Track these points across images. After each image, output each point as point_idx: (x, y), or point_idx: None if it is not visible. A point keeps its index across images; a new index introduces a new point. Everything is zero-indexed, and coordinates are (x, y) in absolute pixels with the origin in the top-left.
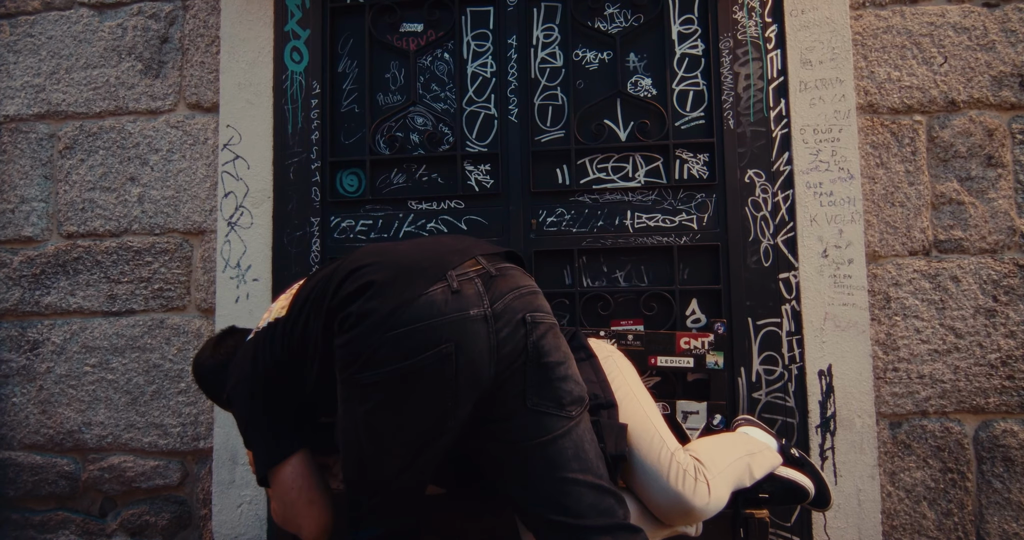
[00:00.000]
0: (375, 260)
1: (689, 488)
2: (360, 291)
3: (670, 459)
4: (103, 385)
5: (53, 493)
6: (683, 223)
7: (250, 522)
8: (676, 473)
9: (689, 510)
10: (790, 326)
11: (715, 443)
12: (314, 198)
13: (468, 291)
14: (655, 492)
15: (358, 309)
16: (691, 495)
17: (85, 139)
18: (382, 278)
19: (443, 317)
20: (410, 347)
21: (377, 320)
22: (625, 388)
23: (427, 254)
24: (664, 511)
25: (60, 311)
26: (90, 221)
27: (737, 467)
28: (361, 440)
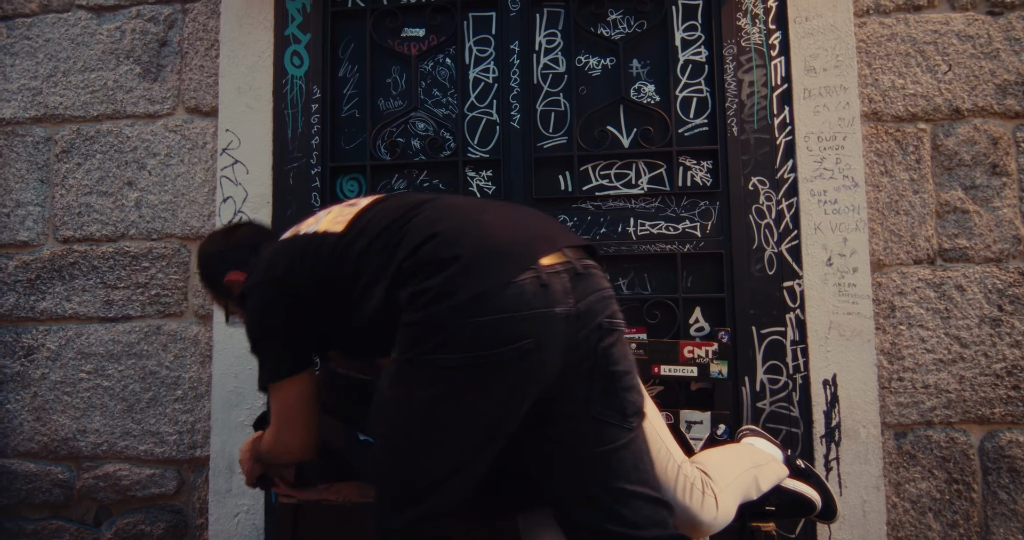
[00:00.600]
0: (458, 227)
1: (697, 502)
2: (442, 265)
3: (677, 472)
4: (98, 392)
5: (47, 501)
6: (686, 230)
7: (247, 532)
8: (683, 487)
9: (697, 525)
10: (794, 335)
11: (721, 455)
12: (314, 204)
13: (556, 286)
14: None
15: (439, 286)
16: (699, 509)
17: (82, 143)
18: (468, 255)
19: (530, 311)
20: (492, 337)
21: (460, 303)
22: None
23: (516, 233)
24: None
25: (56, 317)
26: (87, 226)
27: (744, 480)
28: (412, 430)
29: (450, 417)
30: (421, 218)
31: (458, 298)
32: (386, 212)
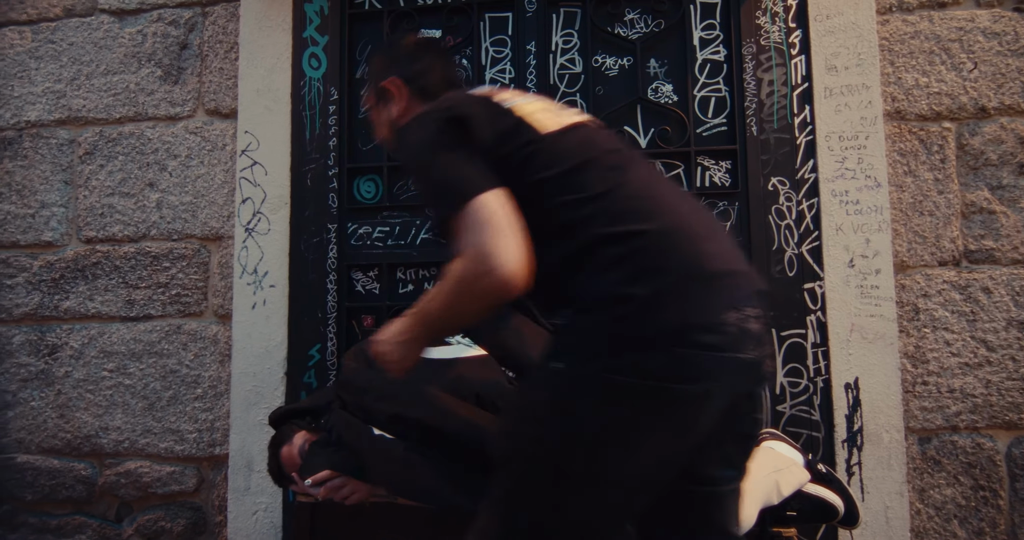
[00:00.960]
0: (668, 231)
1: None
2: (652, 275)
3: None
4: (120, 390)
5: (70, 497)
6: None
7: (265, 530)
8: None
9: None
10: (815, 337)
11: None
12: (331, 205)
13: (751, 332)
14: None
15: (647, 299)
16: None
17: (105, 145)
18: (681, 274)
19: (727, 353)
20: (691, 372)
21: (667, 327)
22: None
23: (725, 263)
24: None
25: (79, 316)
26: (109, 226)
27: (765, 484)
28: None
29: (620, 448)
30: (629, 192)
31: (666, 321)
32: (593, 150)
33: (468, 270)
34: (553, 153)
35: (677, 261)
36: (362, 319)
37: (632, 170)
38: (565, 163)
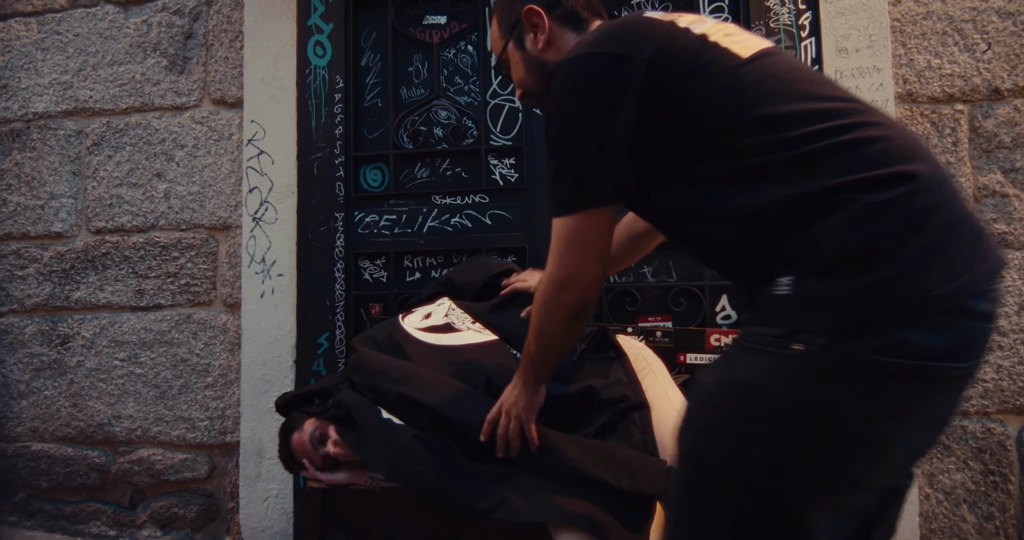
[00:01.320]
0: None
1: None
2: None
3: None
4: (132, 379)
5: (84, 485)
6: None
7: (276, 516)
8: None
9: None
10: None
11: None
12: (338, 193)
13: (997, 306)
14: None
15: (912, 252)
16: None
17: (112, 135)
18: (948, 227)
19: (992, 324)
20: (968, 349)
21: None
22: (656, 387)
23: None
24: None
25: (89, 306)
26: (118, 217)
27: None
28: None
29: (879, 446)
30: (871, 132)
31: (942, 285)
32: (804, 81)
33: (552, 287)
34: (757, 84)
35: (948, 213)
36: (370, 307)
37: (856, 102)
38: (775, 97)
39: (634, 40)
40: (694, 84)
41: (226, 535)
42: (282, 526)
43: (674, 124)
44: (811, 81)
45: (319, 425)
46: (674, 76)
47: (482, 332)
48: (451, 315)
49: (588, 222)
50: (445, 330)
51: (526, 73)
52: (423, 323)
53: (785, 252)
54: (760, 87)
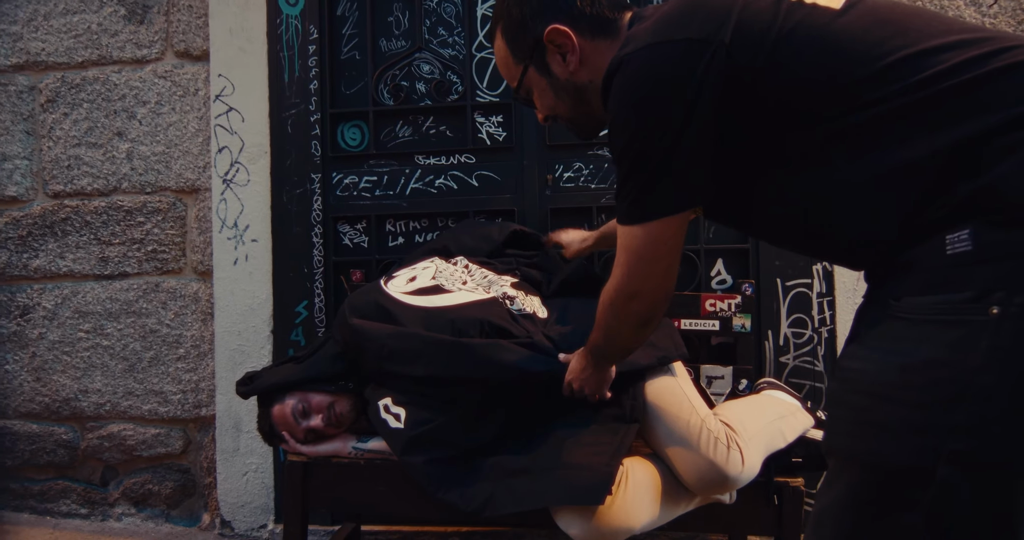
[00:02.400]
0: None
1: (722, 457)
2: None
3: (700, 426)
4: (98, 351)
5: (52, 462)
6: None
7: (256, 490)
8: (707, 441)
9: (723, 480)
10: (821, 287)
11: (745, 408)
12: (314, 153)
13: None
14: (686, 462)
15: None
16: (724, 464)
17: (68, 91)
18: None
19: None
20: None
21: None
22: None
23: None
24: (696, 481)
25: (50, 275)
26: (77, 179)
27: (769, 431)
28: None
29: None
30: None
31: None
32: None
33: (618, 297)
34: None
35: None
36: (350, 273)
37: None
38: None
39: (705, 19)
40: (789, 53)
41: (204, 511)
42: (262, 501)
43: (771, 104)
44: (922, 17)
45: (302, 397)
46: (762, 51)
47: (475, 291)
48: (440, 277)
49: (661, 231)
50: (434, 292)
51: (557, 100)
52: (409, 287)
53: (949, 204)
54: (871, 35)
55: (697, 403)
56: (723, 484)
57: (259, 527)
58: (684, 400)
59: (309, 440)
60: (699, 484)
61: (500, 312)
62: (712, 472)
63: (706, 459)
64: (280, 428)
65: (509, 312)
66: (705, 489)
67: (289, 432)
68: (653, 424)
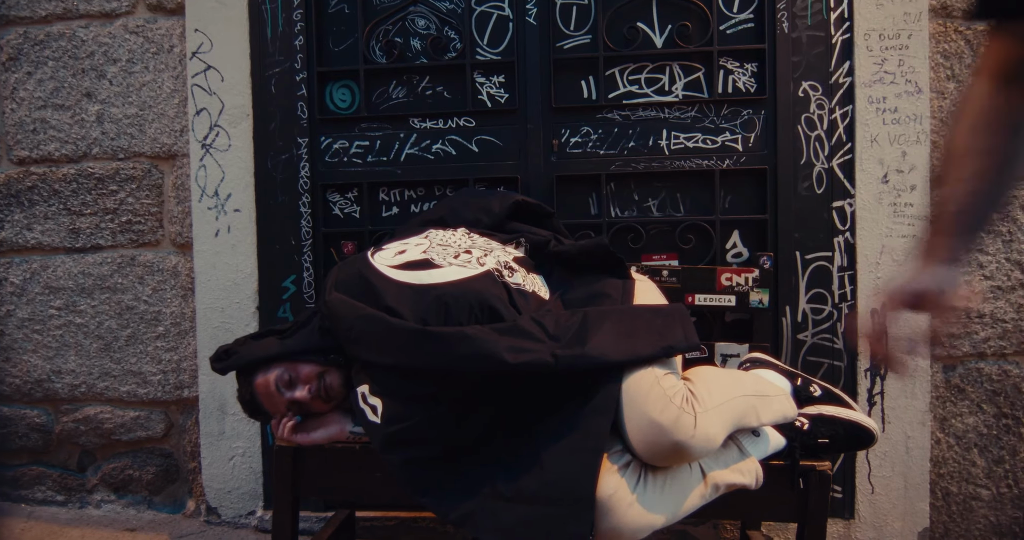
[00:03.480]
0: None
1: (669, 418)
2: None
3: (652, 383)
4: (71, 329)
5: (25, 446)
6: (726, 143)
7: (244, 475)
8: (656, 399)
9: (669, 444)
10: (842, 261)
11: (716, 376)
12: (300, 115)
13: None
14: (631, 420)
15: None
16: (670, 426)
17: (31, 48)
18: None
19: None
20: None
21: None
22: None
23: None
24: (639, 443)
25: (17, 247)
26: (43, 144)
27: (739, 406)
28: None
29: None
30: None
31: None
32: None
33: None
34: None
35: None
36: (342, 246)
37: None
38: None
39: None
40: None
41: (188, 497)
42: (250, 486)
43: None
44: None
45: (289, 366)
46: None
47: (467, 266)
48: (431, 251)
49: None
50: (423, 266)
51: None
52: (396, 260)
53: None
54: None
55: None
56: (671, 450)
57: (247, 513)
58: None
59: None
60: (643, 447)
61: (494, 289)
62: (656, 434)
63: (648, 418)
64: (264, 401)
65: (505, 287)
66: (651, 454)
67: (272, 407)
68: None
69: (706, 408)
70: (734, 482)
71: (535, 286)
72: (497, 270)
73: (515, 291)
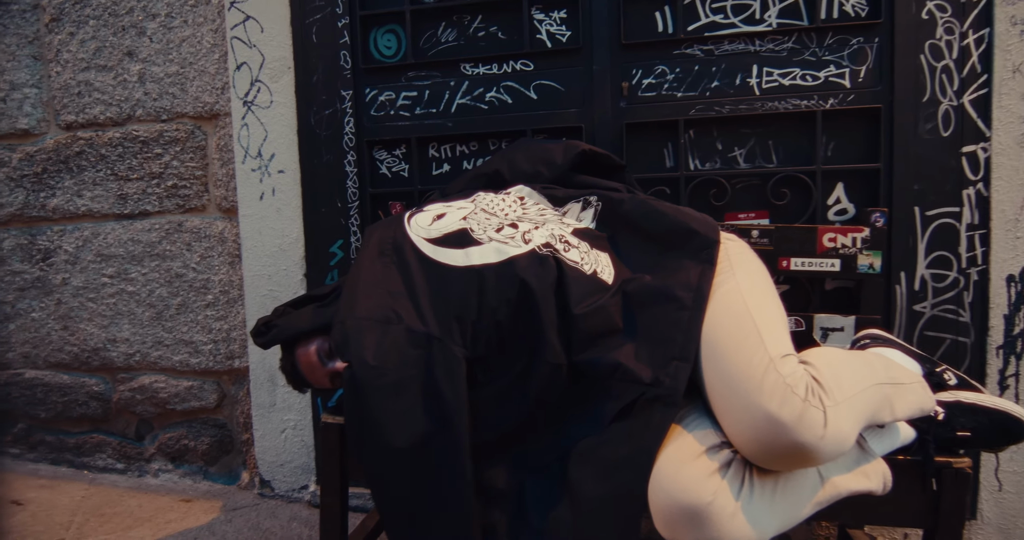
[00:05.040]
0: None
1: (791, 412)
2: None
3: (767, 366)
4: (124, 298)
5: (85, 415)
6: (830, 79)
7: (296, 449)
8: (773, 387)
9: (790, 445)
10: (972, 217)
11: (843, 360)
12: (344, 65)
13: None
14: (736, 413)
15: None
16: (794, 422)
17: (72, 7)
18: None
19: None
20: None
21: None
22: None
23: None
24: (749, 442)
25: (68, 215)
26: (89, 108)
27: (873, 397)
28: None
29: None
30: None
31: None
32: None
33: None
34: None
35: None
36: (389, 207)
37: None
38: None
39: None
40: None
41: (243, 469)
42: (303, 460)
43: None
44: None
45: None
46: None
47: (509, 242)
48: (472, 219)
49: None
50: (458, 242)
51: None
52: (432, 228)
53: None
54: None
55: (770, 338)
56: (792, 452)
57: (300, 488)
58: (752, 330)
59: (337, 387)
60: (754, 447)
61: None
62: (772, 431)
63: (763, 412)
64: (305, 373)
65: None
66: (764, 456)
67: (314, 378)
68: (703, 360)
69: (836, 401)
70: (859, 489)
71: (597, 265)
72: (548, 246)
73: (569, 273)
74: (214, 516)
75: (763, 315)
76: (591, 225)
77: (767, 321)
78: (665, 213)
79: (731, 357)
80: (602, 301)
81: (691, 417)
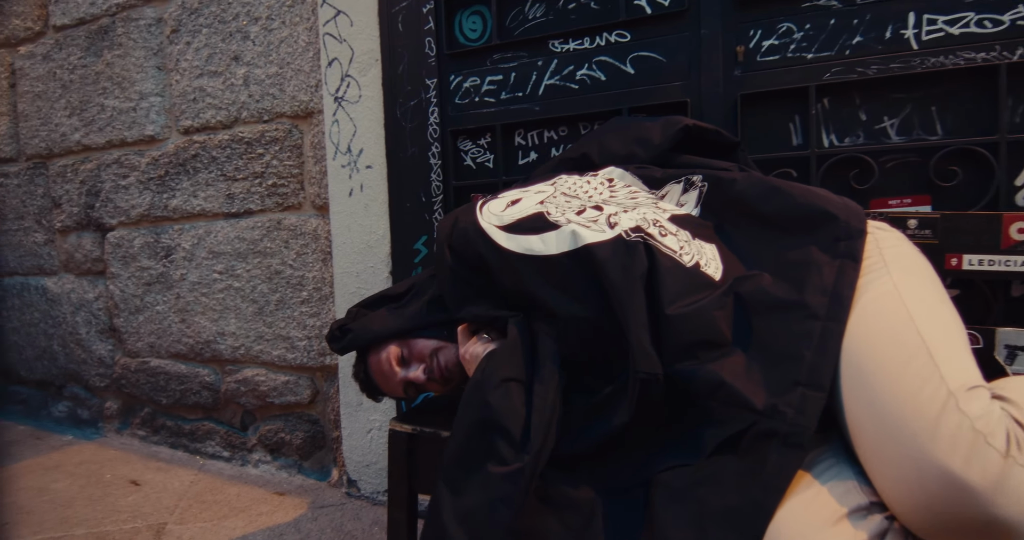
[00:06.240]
0: None
1: (985, 473)
2: None
3: (944, 403)
4: (231, 293)
5: (198, 403)
6: (1018, 24)
7: (380, 450)
8: (956, 434)
9: (981, 519)
10: None
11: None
12: (428, 52)
13: None
14: (900, 466)
15: None
16: (989, 488)
17: (188, 18)
18: None
19: None
20: None
21: None
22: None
23: None
24: (914, 510)
25: (186, 214)
26: (202, 113)
27: None
28: None
29: None
30: None
31: None
32: None
33: None
34: None
35: None
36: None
37: None
38: None
39: None
40: None
41: (333, 466)
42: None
43: None
44: None
45: (402, 342)
46: None
47: (591, 226)
48: (550, 202)
49: None
50: (534, 227)
51: None
52: (506, 214)
53: None
54: None
55: (946, 362)
56: (983, 530)
57: (384, 491)
58: (920, 349)
59: (412, 397)
60: (920, 516)
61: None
62: (955, 498)
63: (942, 469)
64: (378, 381)
65: (649, 256)
66: (938, 531)
67: (387, 387)
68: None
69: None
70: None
71: (701, 257)
72: (638, 230)
73: (662, 263)
74: (301, 512)
75: (934, 329)
76: (694, 211)
77: (940, 337)
78: (791, 194)
79: (888, 387)
80: (705, 302)
81: (826, 463)
